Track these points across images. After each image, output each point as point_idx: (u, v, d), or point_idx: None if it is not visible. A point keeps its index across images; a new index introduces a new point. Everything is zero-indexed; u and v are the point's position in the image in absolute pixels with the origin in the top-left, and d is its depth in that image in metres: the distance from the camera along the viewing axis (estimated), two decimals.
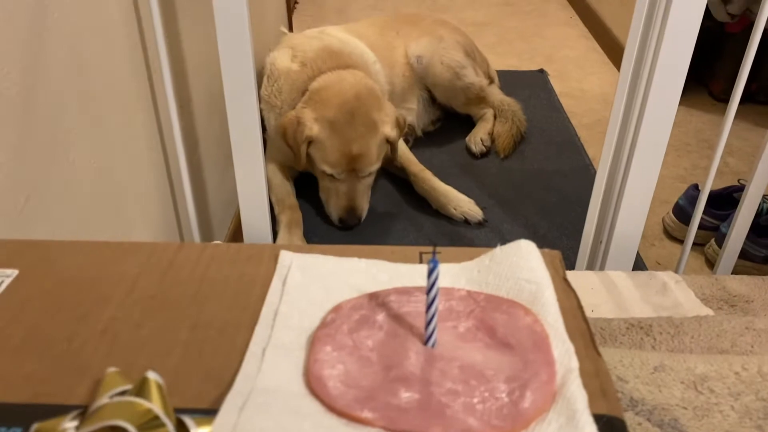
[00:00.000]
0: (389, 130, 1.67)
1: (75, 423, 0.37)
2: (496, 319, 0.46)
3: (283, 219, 1.68)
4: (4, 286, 0.50)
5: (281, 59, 1.83)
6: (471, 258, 0.53)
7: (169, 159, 1.27)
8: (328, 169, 1.66)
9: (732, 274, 1.38)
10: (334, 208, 1.72)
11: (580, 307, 0.49)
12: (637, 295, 1.08)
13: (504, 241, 0.53)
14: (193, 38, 1.38)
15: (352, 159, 1.64)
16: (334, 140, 1.62)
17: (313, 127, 1.61)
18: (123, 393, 0.37)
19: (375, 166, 1.69)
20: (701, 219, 1.30)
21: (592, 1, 3.23)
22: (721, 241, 1.51)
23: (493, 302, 0.48)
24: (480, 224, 1.73)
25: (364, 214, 1.74)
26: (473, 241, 1.67)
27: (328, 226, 1.75)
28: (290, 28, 2.91)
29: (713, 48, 2.35)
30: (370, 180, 1.73)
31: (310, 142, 1.63)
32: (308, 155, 1.66)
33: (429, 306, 0.43)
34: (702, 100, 2.47)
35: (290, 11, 2.97)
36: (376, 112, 1.66)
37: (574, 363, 0.43)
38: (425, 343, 0.44)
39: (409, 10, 3.29)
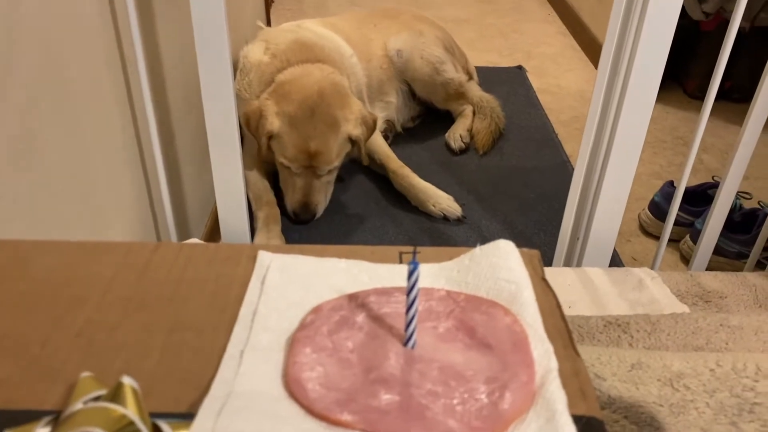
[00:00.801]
0: (352, 128, 1.65)
1: (48, 429, 0.36)
2: (475, 320, 0.46)
3: (260, 215, 1.67)
4: None
5: (254, 52, 1.82)
6: (451, 258, 0.53)
7: (144, 155, 1.25)
8: (285, 163, 1.66)
9: (706, 270, 1.41)
10: (290, 202, 1.72)
11: (559, 307, 0.49)
12: (614, 292, 1.10)
13: (482, 237, 0.53)
14: (170, 31, 1.36)
15: (310, 156, 1.63)
16: (292, 135, 1.62)
17: (274, 122, 1.61)
18: (97, 398, 0.36)
19: (334, 164, 1.68)
20: (676, 215, 1.32)
21: None
22: (695, 237, 1.53)
23: (473, 302, 0.48)
24: (459, 221, 1.73)
25: (320, 210, 1.73)
26: (452, 238, 1.68)
27: None
28: (268, 23, 2.88)
29: (688, 46, 2.38)
30: (329, 177, 1.72)
31: (270, 136, 1.63)
32: (269, 147, 1.66)
33: (409, 308, 0.43)
34: (677, 97, 2.50)
35: (268, 5, 2.94)
36: (339, 109, 1.65)
37: (554, 363, 0.43)
38: (405, 344, 0.44)
39: (389, 6, 3.28)
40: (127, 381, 0.36)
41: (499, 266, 0.51)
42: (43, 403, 0.40)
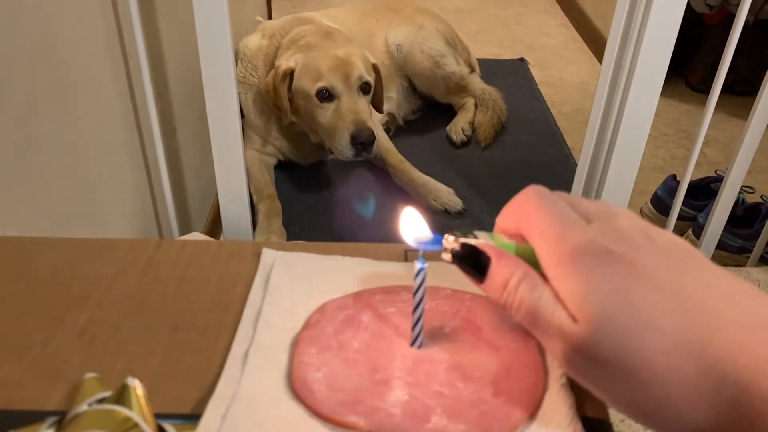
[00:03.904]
0: (369, 56, 1.69)
1: (52, 431, 0.36)
2: (482, 319, 0.46)
3: (262, 208, 1.67)
4: None
5: (253, 41, 1.83)
6: None
7: (146, 148, 1.24)
8: (321, 84, 1.59)
9: None
10: (343, 129, 1.58)
11: None
12: None
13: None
14: (171, 23, 1.35)
15: (342, 63, 1.60)
16: (315, 55, 1.61)
17: (290, 60, 1.62)
18: (102, 400, 0.36)
19: (366, 77, 1.64)
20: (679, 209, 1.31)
21: None
22: (698, 232, 1.53)
23: (479, 301, 0.47)
24: (460, 214, 1.73)
25: (376, 132, 1.61)
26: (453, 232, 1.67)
27: (307, 215, 1.74)
28: (270, 17, 2.87)
29: (691, 39, 2.36)
30: (368, 98, 1.67)
31: (291, 76, 1.60)
32: (295, 98, 1.63)
33: (415, 308, 0.42)
34: (680, 90, 2.49)
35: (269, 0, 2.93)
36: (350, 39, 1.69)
37: None
38: (411, 344, 0.43)
39: None
40: (133, 383, 0.36)
41: None
42: (45, 403, 0.40)
